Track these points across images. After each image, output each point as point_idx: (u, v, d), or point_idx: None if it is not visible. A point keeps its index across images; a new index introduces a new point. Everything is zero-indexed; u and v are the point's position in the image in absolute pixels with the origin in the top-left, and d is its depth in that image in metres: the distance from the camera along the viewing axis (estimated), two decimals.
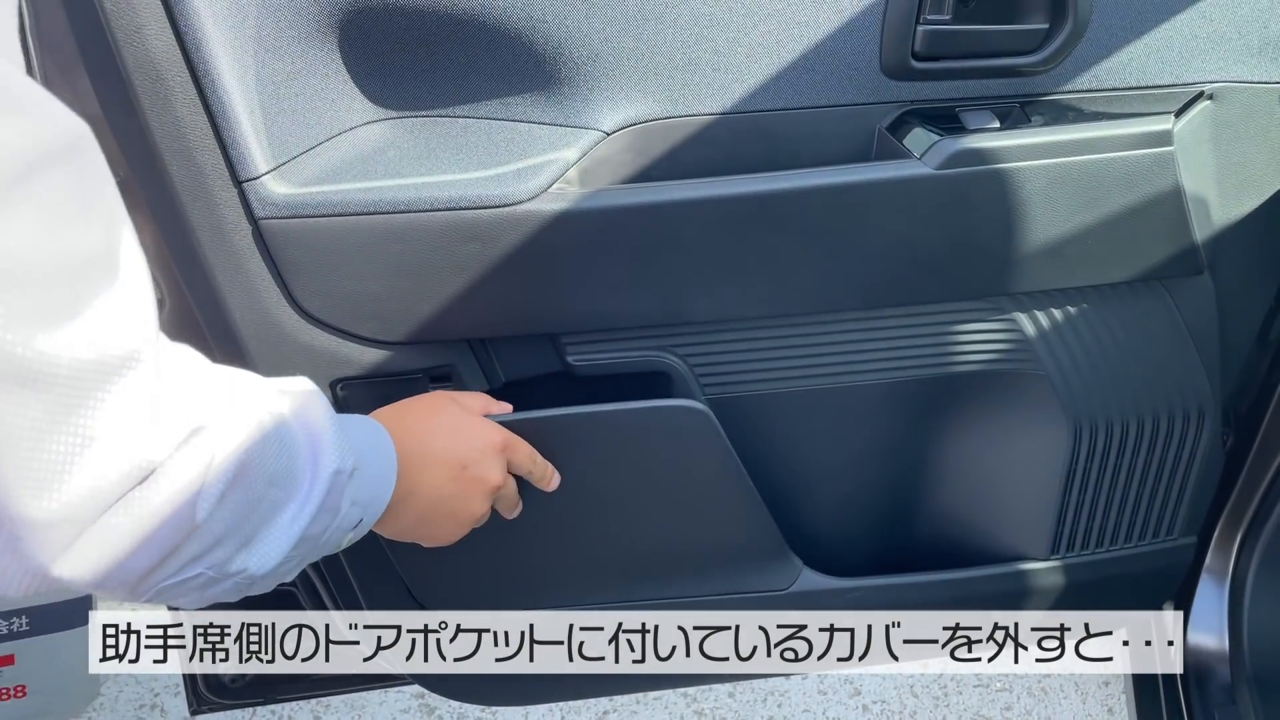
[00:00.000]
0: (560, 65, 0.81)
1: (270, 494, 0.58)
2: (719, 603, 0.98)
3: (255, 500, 0.57)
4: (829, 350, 0.91)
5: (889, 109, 0.86)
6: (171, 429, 0.51)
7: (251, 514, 0.57)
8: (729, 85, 0.83)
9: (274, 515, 0.59)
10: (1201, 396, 0.96)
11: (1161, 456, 0.99)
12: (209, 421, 0.53)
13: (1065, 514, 1.00)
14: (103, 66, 0.71)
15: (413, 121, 0.83)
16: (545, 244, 0.80)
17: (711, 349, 0.89)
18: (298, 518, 0.60)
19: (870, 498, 1.02)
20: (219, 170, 0.75)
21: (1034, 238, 0.85)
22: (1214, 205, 0.90)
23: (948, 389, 0.94)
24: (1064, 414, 0.94)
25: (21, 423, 0.44)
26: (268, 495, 0.58)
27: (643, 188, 0.83)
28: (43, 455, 0.45)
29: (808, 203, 0.82)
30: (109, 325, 0.46)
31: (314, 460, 0.62)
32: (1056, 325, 0.91)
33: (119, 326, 0.47)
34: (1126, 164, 0.84)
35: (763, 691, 1.58)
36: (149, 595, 0.54)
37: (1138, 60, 0.87)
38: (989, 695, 1.57)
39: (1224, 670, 1.18)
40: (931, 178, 0.82)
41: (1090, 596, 1.06)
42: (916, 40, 0.82)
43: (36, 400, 0.44)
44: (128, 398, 0.48)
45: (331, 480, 0.62)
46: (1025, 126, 0.84)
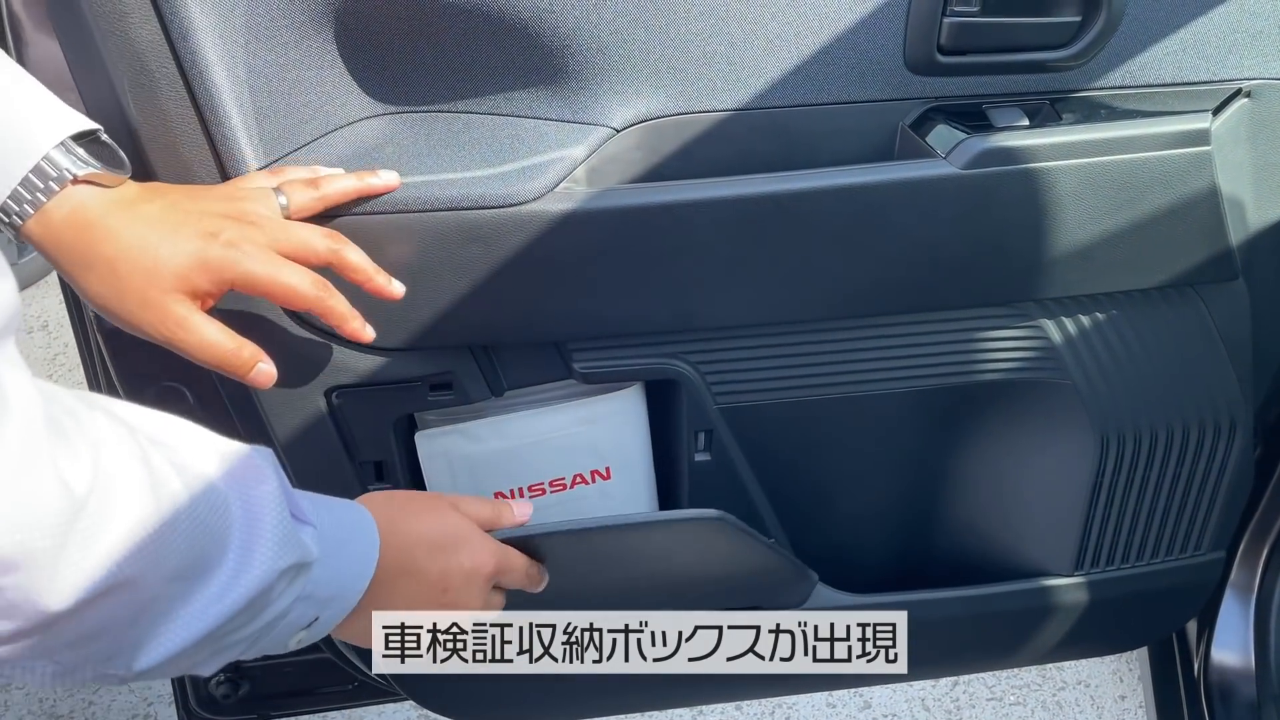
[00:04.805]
0: (568, 58, 0.78)
1: (171, 589, 0.48)
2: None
3: (148, 600, 0.47)
4: (846, 358, 0.88)
5: (912, 105, 0.83)
6: (40, 500, 0.41)
7: (140, 616, 0.48)
8: (745, 79, 0.80)
9: (174, 611, 0.49)
10: (1233, 406, 0.93)
11: (1191, 469, 0.96)
12: (100, 493, 0.43)
13: (1090, 528, 0.97)
14: (83, 56, 0.69)
15: (413, 117, 0.80)
16: (551, 246, 0.77)
17: (724, 356, 0.86)
18: (203, 615, 0.50)
19: (888, 511, 1.00)
20: (207, 167, 0.72)
21: (1063, 241, 0.82)
22: (1250, 208, 0.87)
23: (970, 399, 0.91)
24: (1090, 425, 0.91)
25: None
26: (167, 591, 0.48)
27: (653, 187, 0.80)
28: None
29: (826, 203, 0.79)
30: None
31: (244, 550, 0.52)
32: (1084, 333, 0.88)
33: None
34: (1161, 164, 0.80)
35: (770, 704, 1.55)
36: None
37: (1173, 55, 0.83)
38: (1002, 709, 1.54)
39: (1249, 689, 1.15)
40: (957, 178, 0.78)
41: (1114, 614, 1.03)
42: (942, 33, 0.79)
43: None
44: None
45: (265, 578, 0.53)
46: (1055, 124, 0.81)
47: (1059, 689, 1.56)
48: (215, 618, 0.51)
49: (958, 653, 1.06)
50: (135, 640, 0.48)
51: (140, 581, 0.46)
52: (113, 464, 0.45)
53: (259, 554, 0.53)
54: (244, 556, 0.52)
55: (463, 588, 0.71)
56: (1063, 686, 1.57)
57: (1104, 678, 1.57)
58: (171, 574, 0.48)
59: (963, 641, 1.04)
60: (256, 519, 0.53)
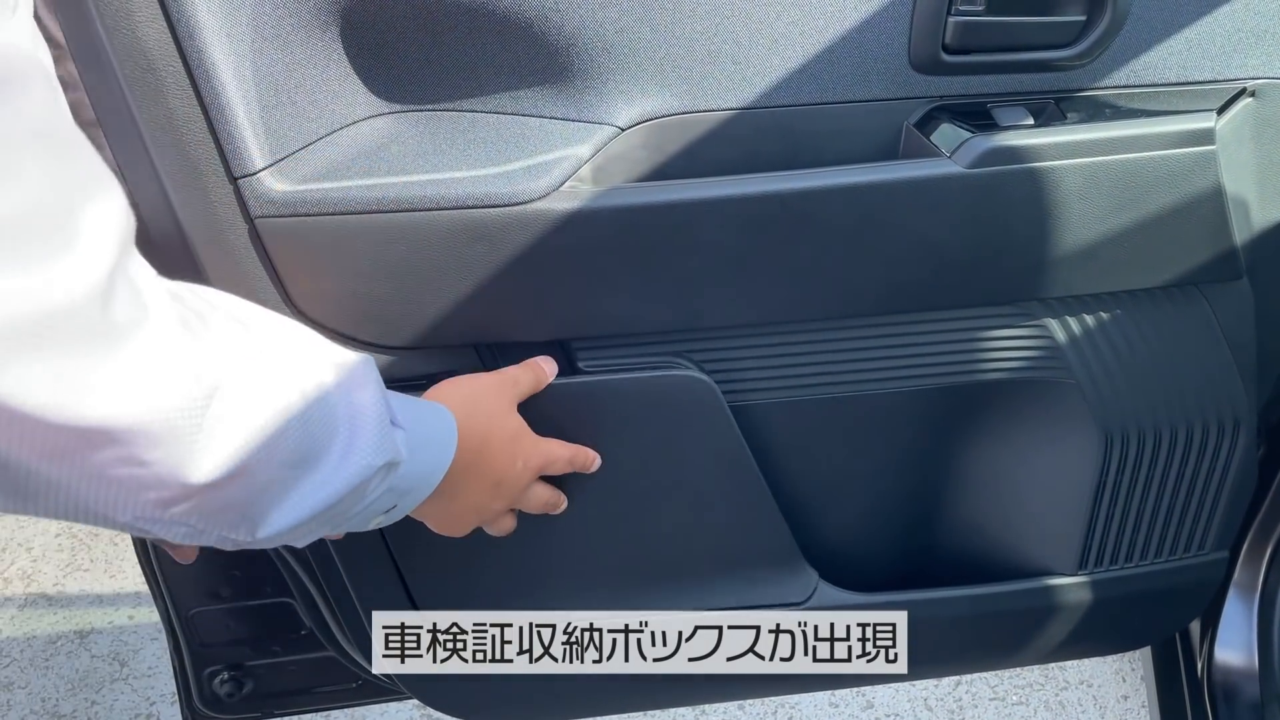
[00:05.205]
0: (573, 57, 0.78)
1: (284, 475, 0.55)
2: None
3: (266, 482, 0.54)
4: (851, 357, 0.88)
5: (917, 104, 0.82)
6: (180, 389, 0.48)
7: (257, 496, 0.54)
8: (749, 79, 0.80)
9: (286, 493, 0.56)
10: (1237, 406, 0.93)
11: (1195, 468, 0.96)
12: (228, 387, 0.51)
13: (1094, 528, 0.97)
14: (90, 54, 0.68)
15: (418, 115, 0.80)
16: (556, 244, 0.77)
17: (728, 355, 0.86)
18: (309, 500, 0.58)
19: (891, 509, 0.99)
20: (213, 166, 0.72)
21: (1068, 240, 0.82)
22: (1254, 207, 0.86)
23: (974, 398, 0.91)
24: (1094, 424, 0.91)
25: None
26: (279, 476, 0.55)
27: (658, 186, 0.80)
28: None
29: (831, 203, 0.79)
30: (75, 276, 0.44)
31: (347, 448, 0.59)
32: (1089, 332, 0.88)
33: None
34: (1166, 163, 0.80)
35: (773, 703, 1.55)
36: (131, 531, 0.52)
37: (1178, 55, 0.83)
38: (1005, 709, 1.54)
39: (1252, 688, 1.15)
40: (961, 177, 0.78)
41: (1117, 613, 1.03)
42: (947, 32, 0.79)
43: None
44: (141, 350, 0.46)
45: (363, 473, 0.60)
46: (1060, 123, 0.81)
47: (1062, 689, 1.56)
48: (318, 503, 0.58)
49: (960, 652, 1.06)
50: (253, 516, 0.55)
51: (258, 467, 0.53)
52: (234, 363, 0.52)
53: (358, 453, 0.60)
54: (346, 454, 0.59)
55: (512, 481, 0.79)
56: (1065, 686, 1.56)
57: (1107, 678, 1.57)
58: (284, 462, 0.55)
59: (965, 641, 1.03)
60: (358, 422, 0.60)
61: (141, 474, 0.48)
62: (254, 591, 1.02)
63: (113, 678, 1.67)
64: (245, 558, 0.96)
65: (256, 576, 1.01)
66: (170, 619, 1.01)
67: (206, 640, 1.03)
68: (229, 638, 1.04)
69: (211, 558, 0.97)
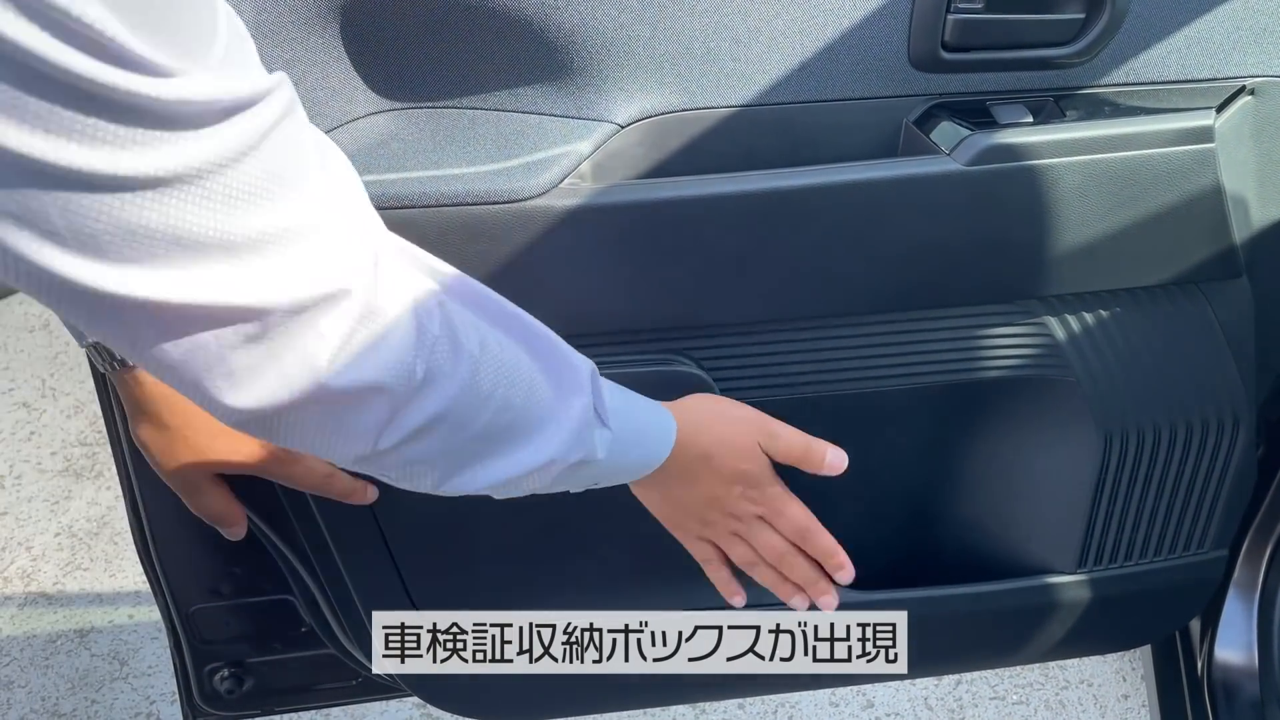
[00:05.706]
0: (572, 54, 0.78)
1: (474, 447, 0.60)
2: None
3: (454, 449, 0.59)
4: (850, 355, 0.88)
5: (916, 102, 0.83)
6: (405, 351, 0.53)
7: (439, 459, 0.60)
8: (749, 76, 0.80)
9: (472, 463, 0.61)
10: (1236, 404, 0.93)
11: (1194, 466, 0.96)
12: (437, 359, 0.56)
13: (1093, 526, 0.97)
14: None
15: (417, 112, 0.80)
16: (555, 242, 0.77)
17: (727, 353, 0.86)
18: (494, 472, 0.62)
19: (890, 508, 0.99)
20: None
21: (1067, 238, 0.82)
22: (1254, 205, 0.86)
23: (973, 395, 0.91)
24: (1094, 422, 0.91)
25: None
26: (470, 448, 0.60)
27: (658, 183, 0.80)
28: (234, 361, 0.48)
29: (830, 200, 0.79)
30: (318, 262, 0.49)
31: (544, 439, 0.64)
32: (1088, 329, 0.88)
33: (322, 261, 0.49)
34: (1166, 161, 0.80)
35: (773, 703, 1.55)
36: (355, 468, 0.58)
37: (1177, 53, 0.83)
38: (1005, 709, 1.54)
39: (1252, 687, 1.15)
40: (961, 174, 0.78)
41: (1117, 612, 1.03)
42: (946, 30, 0.79)
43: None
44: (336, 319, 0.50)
45: (552, 463, 0.64)
46: (1060, 121, 0.81)
47: (1062, 688, 1.56)
48: (502, 476, 0.63)
49: (960, 651, 1.06)
50: (441, 472, 0.61)
51: (450, 437, 0.58)
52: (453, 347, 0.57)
53: (553, 445, 0.64)
54: (542, 444, 0.64)
55: (713, 522, 0.81)
56: (1065, 685, 1.56)
57: (1107, 676, 1.57)
58: (476, 436, 0.60)
59: (965, 639, 1.03)
60: (562, 423, 0.64)
61: (367, 424, 0.54)
62: (255, 589, 1.02)
63: (113, 676, 1.68)
64: (246, 555, 0.96)
65: (257, 574, 1.01)
66: (170, 616, 1.01)
67: (207, 637, 1.03)
68: (229, 635, 1.04)
69: (211, 555, 0.97)
